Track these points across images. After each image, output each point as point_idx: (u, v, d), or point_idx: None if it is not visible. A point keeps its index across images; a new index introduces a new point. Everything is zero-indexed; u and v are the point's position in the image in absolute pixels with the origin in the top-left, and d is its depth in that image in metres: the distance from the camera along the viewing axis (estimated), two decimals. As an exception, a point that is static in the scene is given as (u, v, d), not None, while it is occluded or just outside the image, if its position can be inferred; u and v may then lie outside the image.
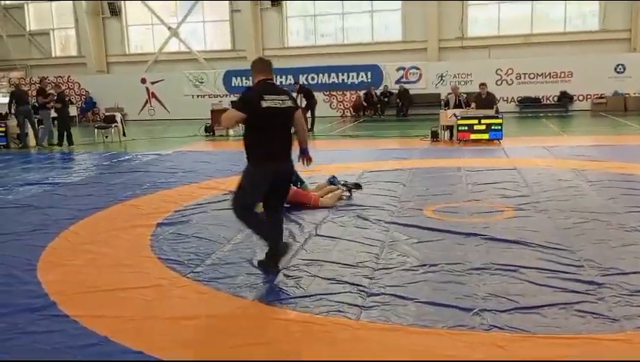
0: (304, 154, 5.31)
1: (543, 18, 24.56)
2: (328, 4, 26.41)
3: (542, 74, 23.70)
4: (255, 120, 4.82)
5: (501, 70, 23.90)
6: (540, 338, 3.57)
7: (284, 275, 4.84)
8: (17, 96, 16.27)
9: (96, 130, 18.12)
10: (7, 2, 29.83)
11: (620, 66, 23.00)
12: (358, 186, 8.08)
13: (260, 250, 5.58)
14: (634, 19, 23.30)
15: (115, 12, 28.23)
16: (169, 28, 27.88)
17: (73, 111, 24.42)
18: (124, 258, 5.54)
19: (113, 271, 5.17)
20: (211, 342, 3.66)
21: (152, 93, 27.47)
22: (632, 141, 13.45)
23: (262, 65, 5.05)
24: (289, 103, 5.01)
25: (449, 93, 16.13)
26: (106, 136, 17.68)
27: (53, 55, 29.88)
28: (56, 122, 16.83)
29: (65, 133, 16.29)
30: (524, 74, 23.83)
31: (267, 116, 4.81)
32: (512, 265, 4.88)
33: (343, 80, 25.62)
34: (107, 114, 20.05)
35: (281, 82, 24.82)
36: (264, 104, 4.78)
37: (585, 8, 24.34)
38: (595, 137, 14.79)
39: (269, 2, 26.28)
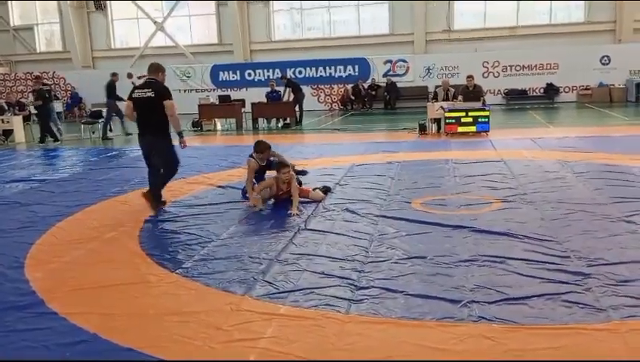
0: (179, 137, 7.32)
1: (528, 10, 24.68)
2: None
3: (528, 66, 23.83)
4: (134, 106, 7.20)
5: (488, 62, 24.00)
6: (528, 329, 3.61)
7: (274, 269, 4.85)
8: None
9: (82, 125, 17.99)
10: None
11: (605, 58, 23.17)
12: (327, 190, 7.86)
13: (249, 243, 5.60)
14: (618, 10, 23.47)
15: (100, 6, 27.97)
16: (155, 22, 27.67)
17: (59, 107, 24.21)
18: (112, 254, 5.52)
19: (101, 267, 5.15)
20: (201, 338, 3.65)
21: (139, 87, 27.22)
22: (617, 132, 13.56)
23: (148, 67, 7.28)
24: (149, 94, 7.02)
25: (437, 86, 16.16)
26: (93, 132, 17.55)
27: (37, 50, 29.57)
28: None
29: (45, 130, 16.10)
30: (511, 66, 23.94)
31: (135, 103, 7.14)
32: (499, 256, 4.93)
33: (330, 73, 25.59)
34: (93, 109, 19.89)
35: (268, 76, 24.79)
36: (133, 95, 7.17)
37: (570, 1, 24.47)
38: (581, 129, 14.89)
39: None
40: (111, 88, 16.77)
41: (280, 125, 18.50)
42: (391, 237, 5.69)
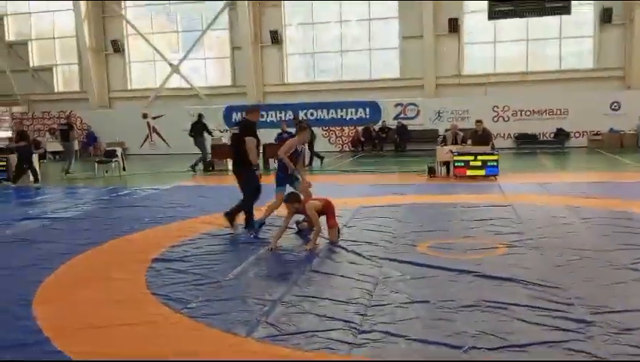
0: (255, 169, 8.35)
1: (538, 56, 25.00)
2: (328, 41, 26.89)
3: (538, 111, 24.02)
4: None
5: (498, 107, 24.20)
6: (528, 377, 3.60)
7: (277, 311, 4.88)
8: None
9: (96, 164, 18.26)
10: (12, 39, 30.34)
11: (615, 104, 23.32)
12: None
13: (253, 284, 5.65)
14: (627, 57, 23.71)
15: (118, 49, 28.71)
16: (170, 64, 28.29)
17: (75, 145, 24.58)
18: (119, 294, 5.57)
19: (108, 307, 5.20)
20: (202, 379, 3.68)
21: (153, 127, 27.77)
22: (626, 178, 13.56)
23: (247, 109, 8.72)
24: (236, 131, 8.56)
25: (446, 130, 16.33)
26: (106, 171, 17.80)
27: (55, 90, 30.26)
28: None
29: (30, 170, 15.89)
30: (521, 111, 24.14)
31: (231, 138, 9.06)
32: (502, 302, 4.93)
33: (341, 116, 25.93)
34: (108, 148, 20.23)
35: (280, 117, 25.15)
36: (231, 131, 8.62)
37: (580, 47, 24.78)
38: (591, 174, 14.91)
39: (270, 40, 26.76)
40: (202, 127, 18.24)
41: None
42: (395, 280, 5.72)
